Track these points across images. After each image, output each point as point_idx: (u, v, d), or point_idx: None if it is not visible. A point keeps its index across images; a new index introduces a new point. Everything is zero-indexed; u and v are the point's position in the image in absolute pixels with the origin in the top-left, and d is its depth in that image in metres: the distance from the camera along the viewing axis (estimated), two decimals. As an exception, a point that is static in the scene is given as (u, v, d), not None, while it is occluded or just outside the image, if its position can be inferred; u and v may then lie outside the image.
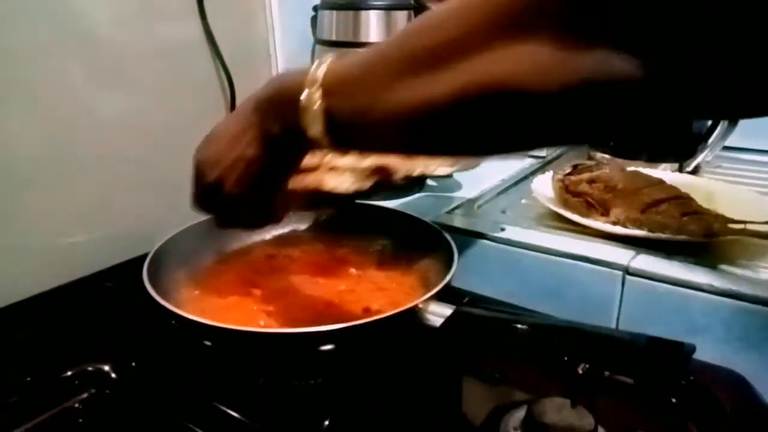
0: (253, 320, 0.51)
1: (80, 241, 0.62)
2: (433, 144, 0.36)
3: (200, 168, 0.46)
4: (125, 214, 0.66)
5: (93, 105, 0.62)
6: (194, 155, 0.47)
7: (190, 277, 0.57)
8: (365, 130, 0.35)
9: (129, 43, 0.64)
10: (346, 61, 0.36)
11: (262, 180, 0.44)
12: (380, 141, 0.37)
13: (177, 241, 0.60)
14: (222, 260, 0.61)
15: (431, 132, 0.33)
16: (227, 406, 0.47)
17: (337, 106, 0.35)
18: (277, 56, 0.79)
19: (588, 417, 0.45)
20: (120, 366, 0.53)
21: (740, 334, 0.51)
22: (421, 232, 0.61)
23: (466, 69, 0.29)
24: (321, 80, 0.35)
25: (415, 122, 0.33)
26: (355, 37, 0.73)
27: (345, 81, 0.35)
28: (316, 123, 0.36)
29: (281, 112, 0.39)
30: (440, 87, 0.30)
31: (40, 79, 0.57)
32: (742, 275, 0.54)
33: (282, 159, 0.43)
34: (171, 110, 0.70)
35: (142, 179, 0.68)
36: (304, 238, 0.66)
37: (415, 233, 0.61)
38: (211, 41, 0.71)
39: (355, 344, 0.46)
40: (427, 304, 0.47)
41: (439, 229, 0.60)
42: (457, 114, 0.31)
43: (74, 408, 0.51)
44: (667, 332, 0.39)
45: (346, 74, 0.35)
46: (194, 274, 0.57)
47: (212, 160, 0.45)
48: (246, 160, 0.42)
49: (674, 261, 0.56)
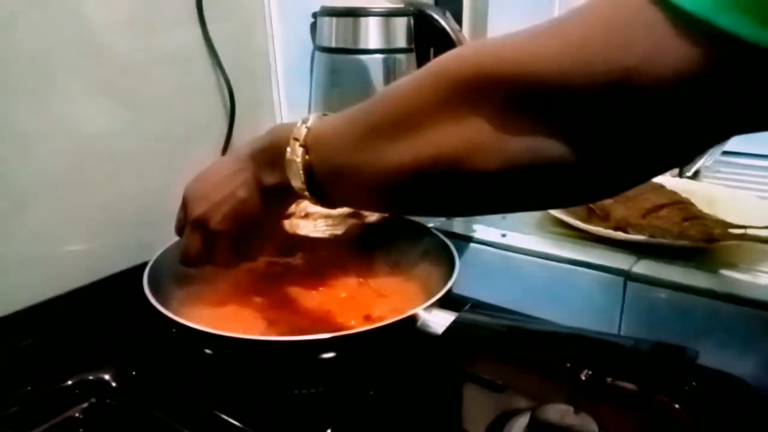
0: (253, 328, 0.51)
1: (81, 249, 0.62)
2: (399, 206, 0.41)
3: (189, 200, 0.48)
4: (125, 222, 0.66)
5: (93, 113, 0.62)
6: (185, 188, 0.49)
7: (191, 286, 0.56)
8: (340, 187, 0.38)
9: (129, 51, 0.64)
10: (326, 121, 0.39)
11: (247, 220, 0.46)
12: (353, 199, 0.41)
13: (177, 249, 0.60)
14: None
15: (394, 196, 0.36)
16: (228, 415, 0.47)
17: (315, 163, 0.38)
18: (277, 64, 0.80)
19: (591, 423, 0.45)
20: (121, 375, 0.53)
21: (742, 338, 0.51)
22: (422, 239, 0.60)
23: (418, 141, 0.32)
24: (303, 138, 0.38)
25: (379, 186, 0.35)
26: (355, 43, 0.73)
27: (322, 141, 0.38)
28: (297, 177, 0.39)
29: (272, 162, 0.42)
30: (397, 156, 0.33)
31: (41, 87, 0.57)
32: (742, 279, 0.54)
33: (270, 204, 0.46)
34: (171, 118, 0.70)
35: (142, 188, 0.68)
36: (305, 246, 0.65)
37: (416, 240, 0.61)
38: (211, 49, 0.71)
39: (356, 352, 0.46)
40: (428, 311, 0.47)
41: (440, 235, 0.60)
42: (413, 181, 0.33)
43: (75, 417, 0.51)
44: (668, 337, 0.39)
45: (323, 134, 0.38)
46: (194, 283, 0.57)
47: (202, 194, 0.47)
48: (235, 199, 0.45)
49: (675, 266, 0.56)
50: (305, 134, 0.38)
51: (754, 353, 0.51)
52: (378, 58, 0.75)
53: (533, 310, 0.58)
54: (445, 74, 0.31)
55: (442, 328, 0.46)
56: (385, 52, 0.74)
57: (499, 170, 0.29)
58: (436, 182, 0.32)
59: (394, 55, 0.74)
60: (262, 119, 0.81)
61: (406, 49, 0.73)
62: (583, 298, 0.59)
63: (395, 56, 0.74)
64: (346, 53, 0.75)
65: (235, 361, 0.48)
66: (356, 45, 0.73)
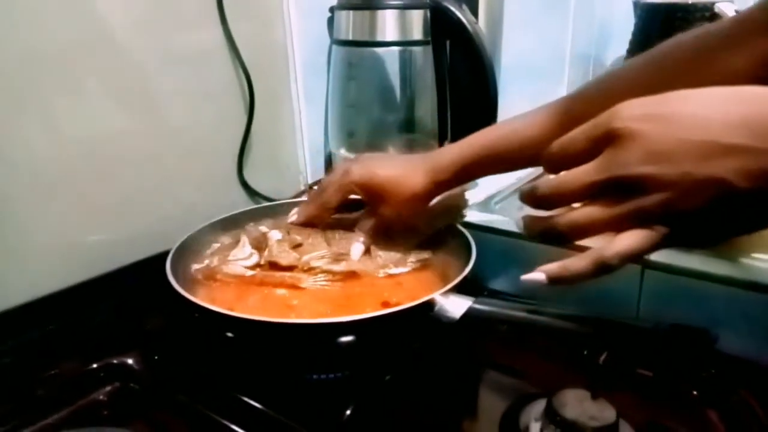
0: (274, 313, 0.52)
1: (104, 239, 0.64)
2: None
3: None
4: (147, 213, 0.67)
5: (114, 108, 0.63)
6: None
7: (211, 273, 0.57)
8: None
9: (150, 48, 0.65)
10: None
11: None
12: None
13: (197, 238, 0.61)
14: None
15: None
16: (250, 397, 0.48)
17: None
18: (296, 59, 0.81)
19: (609, 409, 0.45)
20: (144, 359, 0.54)
21: (761, 325, 0.51)
22: (440, 230, 0.61)
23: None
24: None
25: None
26: (371, 36, 0.74)
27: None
28: None
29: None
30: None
31: (61, 83, 0.58)
32: (761, 266, 0.53)
33: None
34: (191, 113, 0.71)
35: (162, 180, 0.69)
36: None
37: (435, 231, 0.61)
38: (232, 46, 0.72)
39: (374, 336, 0.47)
40: (445, 297, 0.48)
41: (457, 225, 0.60)
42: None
43: (99, 400, 0.52)
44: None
45: None
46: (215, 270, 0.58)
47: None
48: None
49: (693, 253, 0.56)
50: None
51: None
52: (394, 51, 0.75)
53: (550, 299, 0.58)
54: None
55: (459, 313, 0.46)
56: (402, 45, 0.74)
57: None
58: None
59: (411, 47, 0.75)
60: (281, 113, 0.82)
61: (422, 41, 0.74)
62: (600, 286, 0.58)
63: (411, 49, 0.75)
64: (363, 46, 0.76)
65: (255, 344, 0.49)
66: (373, 38, 0.74)
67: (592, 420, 0.44)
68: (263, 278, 0.56)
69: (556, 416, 0.45)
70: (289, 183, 0.86)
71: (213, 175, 0.76)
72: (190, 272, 0.57)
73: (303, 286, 0.55)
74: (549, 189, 0.35)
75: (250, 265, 0.58)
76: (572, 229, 0.35)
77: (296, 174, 0.87)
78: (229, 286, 0.56)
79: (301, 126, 0.84)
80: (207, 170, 0.74)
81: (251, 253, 0.59)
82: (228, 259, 0.59)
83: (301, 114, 0.83)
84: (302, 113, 0.83)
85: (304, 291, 0.55)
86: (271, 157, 0.83)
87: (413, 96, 0.79)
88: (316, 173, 0.87)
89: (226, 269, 0.57)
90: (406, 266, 0.58)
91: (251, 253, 0.59)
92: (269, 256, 0.58)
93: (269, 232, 0.62)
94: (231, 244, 0.62)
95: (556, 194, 0.35)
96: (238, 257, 0.59)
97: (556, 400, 0.46)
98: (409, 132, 0.82)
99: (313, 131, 0.85)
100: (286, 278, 0.56)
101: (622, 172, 0.31)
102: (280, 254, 0.57)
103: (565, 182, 0.34)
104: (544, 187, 0.35)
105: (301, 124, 0.84)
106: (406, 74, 0.77)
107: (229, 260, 0.58)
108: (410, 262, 0.58)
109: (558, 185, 0.34)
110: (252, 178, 0.79)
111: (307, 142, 0.85)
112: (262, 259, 0.58)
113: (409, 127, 0.81)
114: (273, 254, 0.58)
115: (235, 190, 0.78)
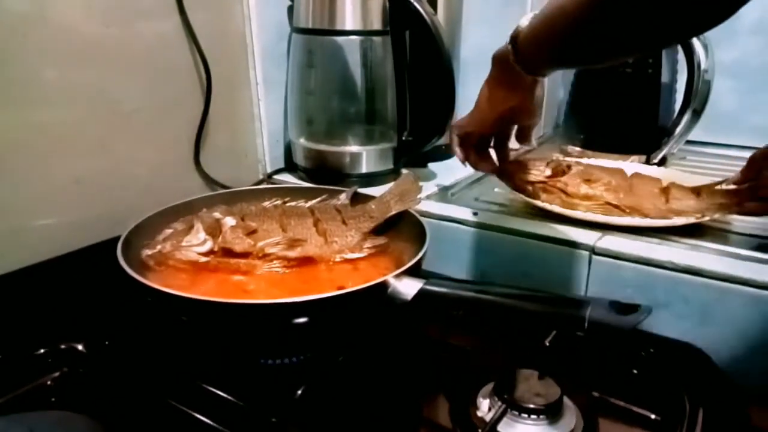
0: (229, 297, 0.51)
1: (52, 223, 0.62)
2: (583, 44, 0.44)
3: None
4: (98, 197, 0.66)
5: (67, 89, 0.62)
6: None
7: (163, 259, 0.56)
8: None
9: (105, 34, 0.64)
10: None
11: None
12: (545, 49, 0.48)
13: (150, 223, 0.60)
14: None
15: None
16: (203, 382, 0.47)
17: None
18: (254, 46, 0.80)
19: (554, 387, 0.47)
20: (93, 344, 0.53)
21: (699, 309, 0.53)
22: (396, 217, 0.62)
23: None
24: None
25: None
26: (331, 24, 0.74)
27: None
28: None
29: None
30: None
31: (13, 63, 0.57)
32: (701, 253, 0.56)
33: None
34: (146, 98, 0.70)
35: (115, 163, 0.68)
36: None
37: (391, 218, 0.62)
38: (189, 32, 0.71)
39: (328, 318, 0.47)
40: (398, 279, 0.48)
41: (414, 214, 0.61)
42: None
43: (46, 385, 0.51)
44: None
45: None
46: (167, 256, 0.57)
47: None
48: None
49: (638, 240, 0.58)
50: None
51: (710, 323, 0.53)
52: (354, 40, 0.76)
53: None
54: None
55: (411, 294, 0.47)
56: (361, 34, 0.75)
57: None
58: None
59: (370, 37, 0.75)
60: (239, 100, 0.82)
61: (381, 31, 0.74)
62: (550, 272, 0.61)
63: (371, 38, 0.76)
64: (323, 35, 0.76)
65: (210, 327, 0.49)
66: (332, 26, 0.74)
67: (538, 397, 0.46)
68: (217, 264, 0.56)
69: (504, 394, 0.47)
70: (247, 171, 0.86)
71: (168, 161, 0.74)
72: (141, 258, 0.56)
73: (258, 273, 0.55)
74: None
75: (204, 251, 0.57)
76: None
77: (255, 162, 0.86)
78: (183, 272, 0.55)
79: (260, 114, 0.83)
80: (162, 156, 0.73)
81: (205, 239, 0.58)
82: (181, 245, 0.58)
83: (260, 102, 0.83)
84: (261, 101, 0.82)
85: (260, 276, 0.55)
86: (229, 144, 0.82)
87: (373, 85, 0.80)
88: (275, 162, 0.87)
89: (179, 255, 0.56)
90: (362, 252, 0.59)
91: (205, 239, 0.58)
92: (223, 242, 0.57)
93: (223, 218, 0.61)
94: (184, 230, 0.61)
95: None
96: (192, 243, 0.58)
97: (504, 379, 0.48)
98: (368, 121, 0.82)
99: (273, 120, 0.85)
100: (240, 264, 0.55)
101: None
102: (234, 240, 0.57)
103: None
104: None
105: (260, 113, 0.83)
106: (365, 64, 0.78)
107: (182, 246, 0.58)
108: (366, 248, 0.59)
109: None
110: (209, 166, 0.78)
111: (266, 130, 0.84)
112: (216, 245, 0.57)
113: (368, 116, 0.82)
114: (227, 240, 0.57)
115: (191, 176, 0.77)
